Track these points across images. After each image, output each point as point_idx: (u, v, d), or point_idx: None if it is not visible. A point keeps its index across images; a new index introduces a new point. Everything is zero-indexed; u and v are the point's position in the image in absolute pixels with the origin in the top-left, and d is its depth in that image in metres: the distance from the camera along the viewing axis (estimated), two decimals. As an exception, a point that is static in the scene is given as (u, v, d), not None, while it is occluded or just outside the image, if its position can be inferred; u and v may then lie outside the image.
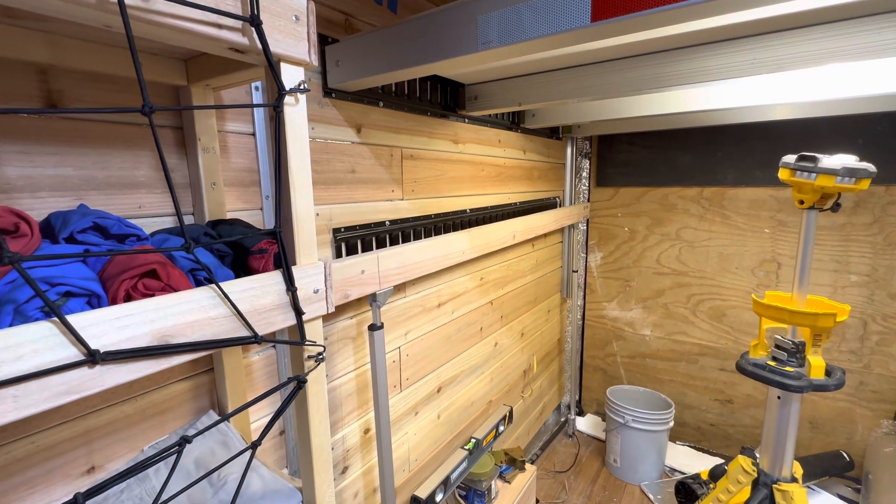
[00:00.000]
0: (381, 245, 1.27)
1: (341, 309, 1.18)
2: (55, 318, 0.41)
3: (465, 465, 1.55)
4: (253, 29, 0.53)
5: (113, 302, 0.49)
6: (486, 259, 1.79)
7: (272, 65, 0.56)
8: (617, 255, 2.59)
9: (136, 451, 0.80)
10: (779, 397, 1.33)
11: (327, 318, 1.13)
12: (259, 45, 0.54)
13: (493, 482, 1.66)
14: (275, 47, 0.56)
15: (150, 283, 0.50)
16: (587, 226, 2.65)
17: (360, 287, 1.07)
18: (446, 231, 1.54)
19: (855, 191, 1.14)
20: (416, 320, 1.44)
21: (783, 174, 1.24)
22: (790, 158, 1.22)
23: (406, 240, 1.36)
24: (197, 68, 0.76)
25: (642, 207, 2.47)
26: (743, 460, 1.47)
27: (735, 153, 2.17)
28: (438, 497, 1.41)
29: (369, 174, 1.22)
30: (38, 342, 0.40)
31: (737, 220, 2.22)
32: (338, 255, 1.15)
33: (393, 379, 1.38)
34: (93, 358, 0.43)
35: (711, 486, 1.65)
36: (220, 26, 0.51)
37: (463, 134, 1.60)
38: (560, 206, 2.45)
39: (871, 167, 1.13)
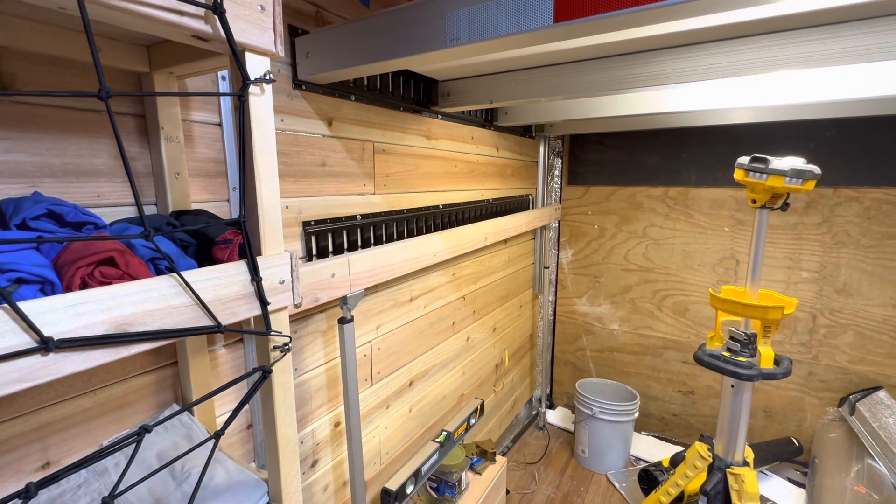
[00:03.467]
0: (352, 238, 1.27)
1: (311, 302, 1.17)
2: (5, 305, 0.40)
3: (436, 457, 1.57)
4: (216, 17, 0.53)
5: (68, 289, 0.48)
6: (459, 255, 1.81)
7: (236, 54, 0.56)
8: (587, 251, 2.67)
9: (94, 445, 0.78)
10: (732, 386, 1.41)
11: (296, 312, 1.13)
12: (222, 34, 0.54)
13: (463, 474, 1.68)
14: (239, 36, 0.56)
15: (107, 270, 0.50)
16: (559, 223, 2.71)
17: (331, 291, 1.07)
18: (418, 226, 1.55)
19: (802, 191, 1.22)
20: (387, 314, 1.45)
21: (738, 174, 1.30)
22: (744, 160, 1.29)
23: (377, 234, 1.37)
24: (160, 55, 0.74)
25: (611, 206, 2.55)
26: (700, 447, 1.55)
27: (698, 155, 2.27)
28: (409, 489, 1.43)
29: (340, 168, 1.22)
30: (-13, 328, 0.39)
31: (699, 218, 2.32)
32: (308, 248, 1.14)
33: (364, 373, 1.38)
34: (46, 345, 0.42)
35: (672, 472, 1.73)
36: (181, 13, 0.50)
37: (436, 130, 1.61)
38: (532, 204, 2.50)
39: (816, 169, 1.21)
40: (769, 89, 1.42)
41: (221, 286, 0.58)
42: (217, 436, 0.60)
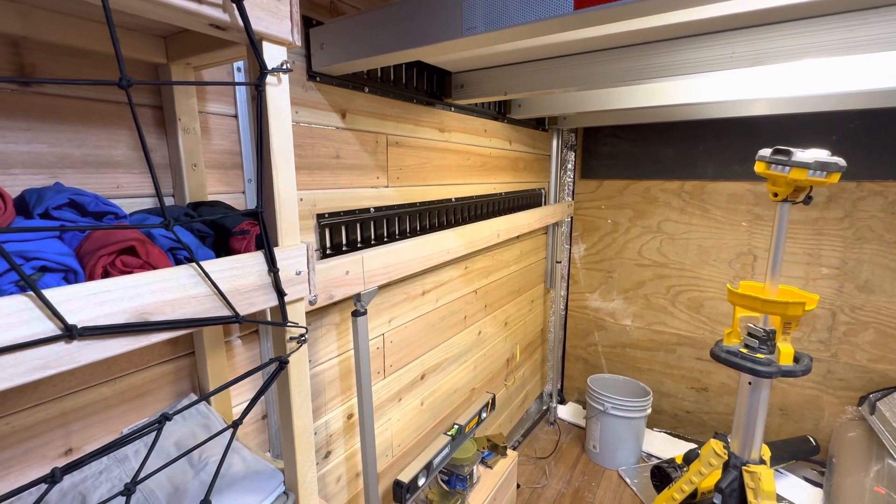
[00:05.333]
0: (365, 233, 1.27)
1: (325, 295, 1.18)
2: (30, 293, 0.41)
3: (447, 450, 1.58)
4: (234, 5, 0.52)
5: (90, 278, 0.49)
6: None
7: (254, 43, 0.56)
8: (600, 246, 2.64)
9: (114, 433, 0.80)
10: (749, 383, 1.39)
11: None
12: (240, 22, 0.53)
13: (475, 467, 1.68)
14: (256, 25, 0.55)
15: (128, 260, 0.50)
16: (571, 218, 2.68)
17: (345, 288, 1.08)
18: (431, 219, 1.55)
19: (826, 184, 1.19)
20: (400, 307, 1.45)
21: (759, 167, 1.27)
22: (766, 152, 1.26)
23: (391, 227, 1.37)
24: (177, 46, 0.74)
25: (625, 200, 2.51)
26: (715, 444, 1.53)
27: (715, 148, 2.22)
28: (421, 481, 1.43)
29: (354, 160, 1.22)
30: (13, 316, 0.40)
31: (715, 213, 2.28)
32: (322, 241, 1.14)
33: (376, 365, 1.39)
34: (70, 333, 0.43)
35: (685, 469, 1.71)
36: (200, 1, 0.50)
37: (449, 122, 1.60)
38: (545, 198, 2.48)
39: (841, 162, 1.17)
40: (791, 79, 1.38)
41: (239, 276, 0.58)
42: (235, 425, 0.61)
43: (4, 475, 0.67)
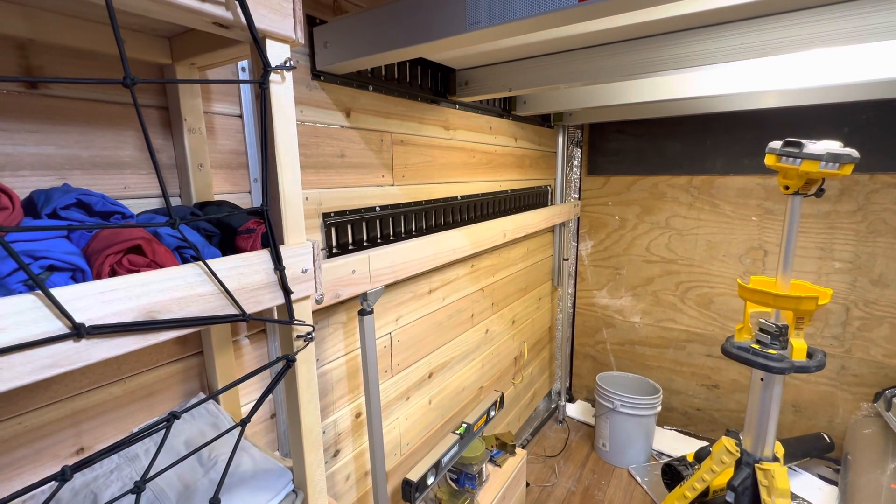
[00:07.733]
0: (371, 233, 1.27)
1: (332, 294, 1.18)
2: (39, 292, 0.41)
3: (456, 449, 1.57)
4: (237, 3, 0.52)
5: (97, 277, 0.49)
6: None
7: (257, 41, 0.56)
8: (607, 243, 2.62)
9: (125, 432, 0.80)
10: (762, 379, 1.37)
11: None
12: (243, 20, 0.53)
13: (483, 466, 1.68)
14: (259, 23, 0.55)
15: (135, 258, 0.50)
16: (578, 216, 2.66)
17: (352, 287, 1.08)
18: (437, 218, 1.54)
19: (838, 176, 1.16)
20: (406, 306, 1.45)
21: (769, 160, 1.25)
22: (776, 144, 1.24)
23: (397, 226, 1.36)
24: (181, 46, 0.75)
25: (632, 196, 2.49)
26: (727, 441, 1.51)
27: (724, 142, 2.19)
28: (430, 480, 1.43)
29: (359, 159, 1.22)
30: (22, 315, 0.40)
31: (725, 208, 2.25)
32: (328, 240, 1.14)
33: (384, 364, 1.39)
34: (78, 331, 0.43)
35: (697, 467, 1.69)
36: (202, -1, 0.50)
37: (454, 120, 1.60)
38: (551, 195, 2.46)
39: (854, 153, 1.15)
40: (802, 70, 1.35)
41: (245, 275, 0.58)
42: (243, 423, 0.61)
43: (17, 474, 0.68)
